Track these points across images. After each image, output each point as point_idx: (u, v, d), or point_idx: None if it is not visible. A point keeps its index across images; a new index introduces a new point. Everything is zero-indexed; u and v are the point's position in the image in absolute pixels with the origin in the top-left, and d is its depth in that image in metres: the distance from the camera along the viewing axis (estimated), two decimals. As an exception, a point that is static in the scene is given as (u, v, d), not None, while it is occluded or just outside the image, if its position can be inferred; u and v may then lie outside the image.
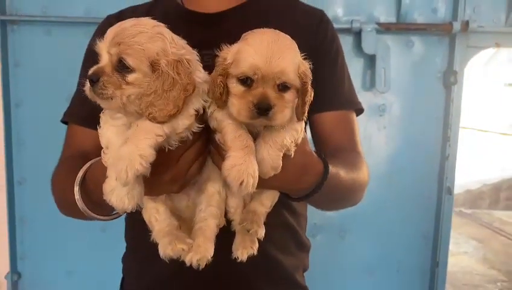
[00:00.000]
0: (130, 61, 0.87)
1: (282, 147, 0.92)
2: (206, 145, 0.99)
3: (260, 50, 0.88)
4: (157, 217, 1.02)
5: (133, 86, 0.88)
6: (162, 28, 0.92)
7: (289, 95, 0.91)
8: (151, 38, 0.89)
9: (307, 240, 1.40)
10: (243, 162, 0.87)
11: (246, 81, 0.89)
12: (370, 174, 1.28)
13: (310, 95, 0.96)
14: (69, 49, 2.24)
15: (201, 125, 0.94)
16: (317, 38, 1.26)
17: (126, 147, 0.85)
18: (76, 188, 1.03)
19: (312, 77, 0.95)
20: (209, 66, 0.97)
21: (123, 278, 1.40)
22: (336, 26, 1.39)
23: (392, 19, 2.46)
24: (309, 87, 0.94)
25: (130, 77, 0.88)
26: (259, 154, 0.91)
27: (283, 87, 0.90)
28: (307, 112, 0.97)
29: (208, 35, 0.97)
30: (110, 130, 0.93)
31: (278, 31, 0.93)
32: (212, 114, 0.95)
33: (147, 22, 0.92)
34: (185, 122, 0.91)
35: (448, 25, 2.41)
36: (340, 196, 1.20)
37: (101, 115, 0.97)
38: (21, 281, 2.61)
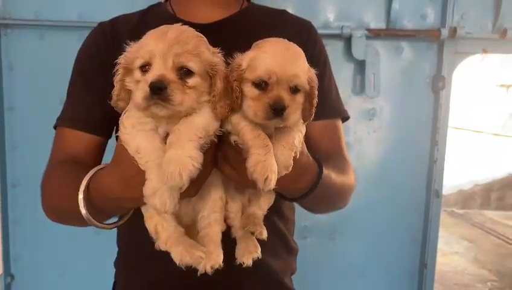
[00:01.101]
0: (193, 66, 0.90)
1: (293, 147, 0.98)
2: (216, 150, 1.02)
3: (275, 56, 0.94)
4: (164, 224, 1.03)
5: (194, 89, 0.91)
6: (197, 31, 0.96)
7: (299, 98, 0.97)
8: (200, 42, 0.94)
9: (295, 244, 1.44)
10: (266, 159, 0.92)
11: (261, 84, 0.94)
12: (360, 177, 1.33)
13: (316, 99, 1.02)
14: (62, 53, 2.27)
15: (222, 129, 0.97)
16: (307, 50, 1.27)
17: (173, 151, 0.87)
18: (80, 196, 1.03)
19: None
20: None
21: (115, 282, 1.42)
22: (326, 31, 1.42)
23: (382, 25, 2.48)
24: (316, 91, 1.01)
25: (191, 82, 0.91)
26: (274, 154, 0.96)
27: (294, 90, 0.96)
28: (313, 114, 1.03)
29: None
30: (139, 135, 0.93)
31: (286, 40, 1.00)
32: (227, 117, 0.98)
33: (187, 28, 0.96)
34: (215, 125, 0.95)
35: (437, 31, 2.44)
36: (331, 198, 1.25)
37: (123, 120, 0.96)
38: (14, 283, 2.61)
